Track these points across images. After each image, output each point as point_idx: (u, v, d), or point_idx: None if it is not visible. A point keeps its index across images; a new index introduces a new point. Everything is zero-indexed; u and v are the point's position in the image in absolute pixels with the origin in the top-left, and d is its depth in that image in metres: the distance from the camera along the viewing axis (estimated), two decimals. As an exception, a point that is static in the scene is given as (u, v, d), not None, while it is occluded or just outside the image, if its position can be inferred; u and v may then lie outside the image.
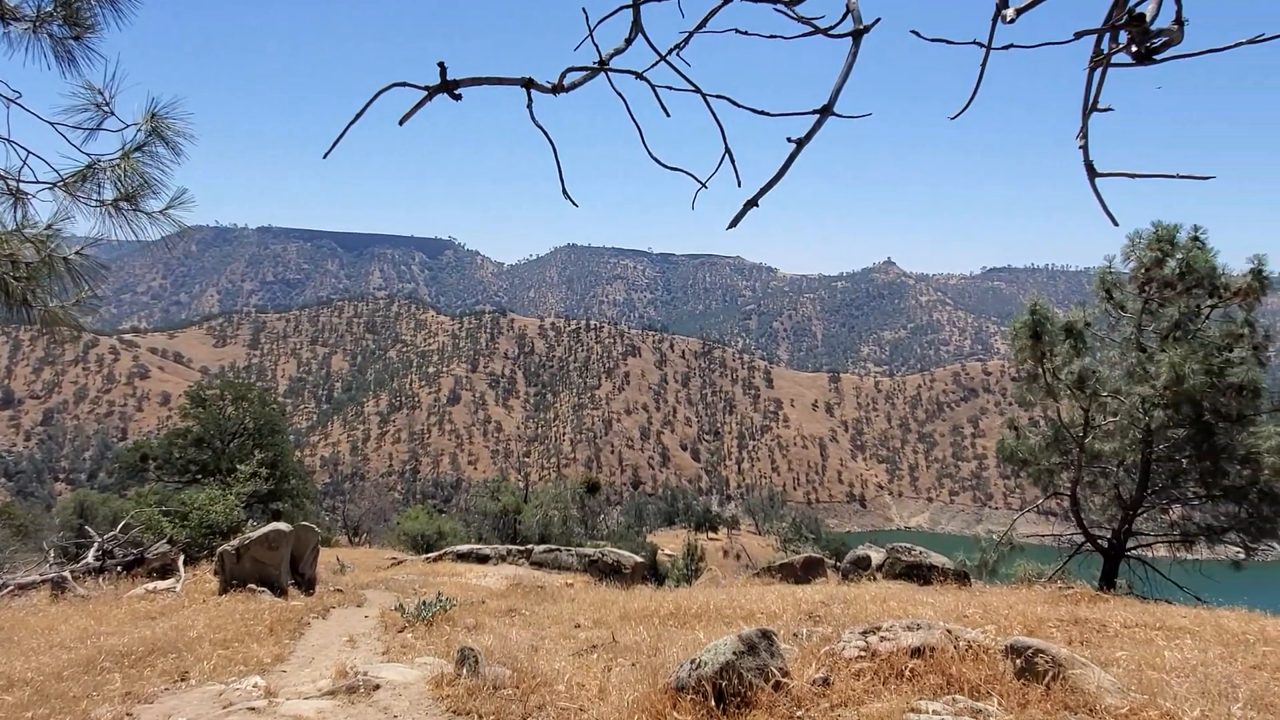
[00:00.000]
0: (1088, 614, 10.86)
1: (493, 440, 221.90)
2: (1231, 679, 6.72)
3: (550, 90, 1.65)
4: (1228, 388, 13.68)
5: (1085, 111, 1.64)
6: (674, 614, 11.98)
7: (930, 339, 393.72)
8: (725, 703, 5.38)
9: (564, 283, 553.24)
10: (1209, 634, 9.32)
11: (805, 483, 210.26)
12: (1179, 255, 14.59)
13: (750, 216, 1.63)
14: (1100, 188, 1.95)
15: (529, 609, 14.02)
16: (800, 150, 1.56)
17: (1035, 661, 5.52)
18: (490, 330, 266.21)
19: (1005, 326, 18.23)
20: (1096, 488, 16.88)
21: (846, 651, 6.09)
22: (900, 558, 17.45)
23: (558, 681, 7.21)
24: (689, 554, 37.78)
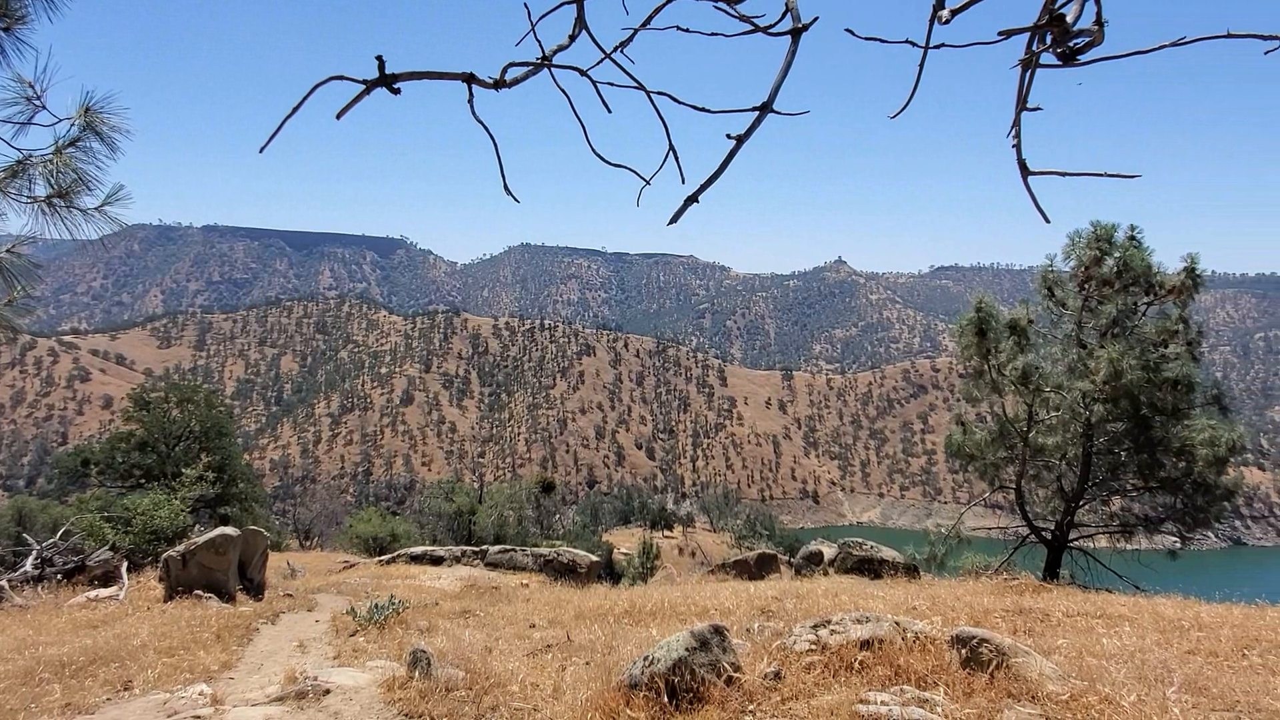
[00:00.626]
0: (1032, 604, 11.13)
1: (447, 441, 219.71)
2: (1167, 664, 6.95)
3: (492, 85, 1.65)
4: (1163, 382, 14.14)
5: (1017, 110, 1.69)
6: (629, 612, 12.00)
7: (880, 337, 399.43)
8: (678, 699, 5.41)
9: (518, 282, 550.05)
10: (1147, 621, 9.62)
11: (759, 480, 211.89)
12: (1116, 254, 15.05)
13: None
14: (1037, 186, 2.00)
15: (483, 610, 13.93)
16: (740, 147, 1.58)
17: (980, 651, 5.64)
18: (444, 330, 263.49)
19: (953, 324, 18.61)
20: (1040, 481, 17.32)
21: (798, 645, 6.17)
22: (852, 552, 17.70)
23: (511, 682, 7.18)
24: (644, 552, 37.86)
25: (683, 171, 1.85)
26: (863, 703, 5.03)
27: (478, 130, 1.98)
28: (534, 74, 1.72)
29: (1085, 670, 6.33)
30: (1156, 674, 6.43)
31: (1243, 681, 6.43)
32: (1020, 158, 1.90)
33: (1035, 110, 1.67)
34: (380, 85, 1.51)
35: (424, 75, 1.55)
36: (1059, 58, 1.52)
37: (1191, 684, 6.20)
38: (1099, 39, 1.47)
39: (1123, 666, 6.66)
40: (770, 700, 5.42)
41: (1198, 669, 6.93)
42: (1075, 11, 1.44)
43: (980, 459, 17.45)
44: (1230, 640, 8.34)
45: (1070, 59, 1.50)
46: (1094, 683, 5.80)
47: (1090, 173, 1.95)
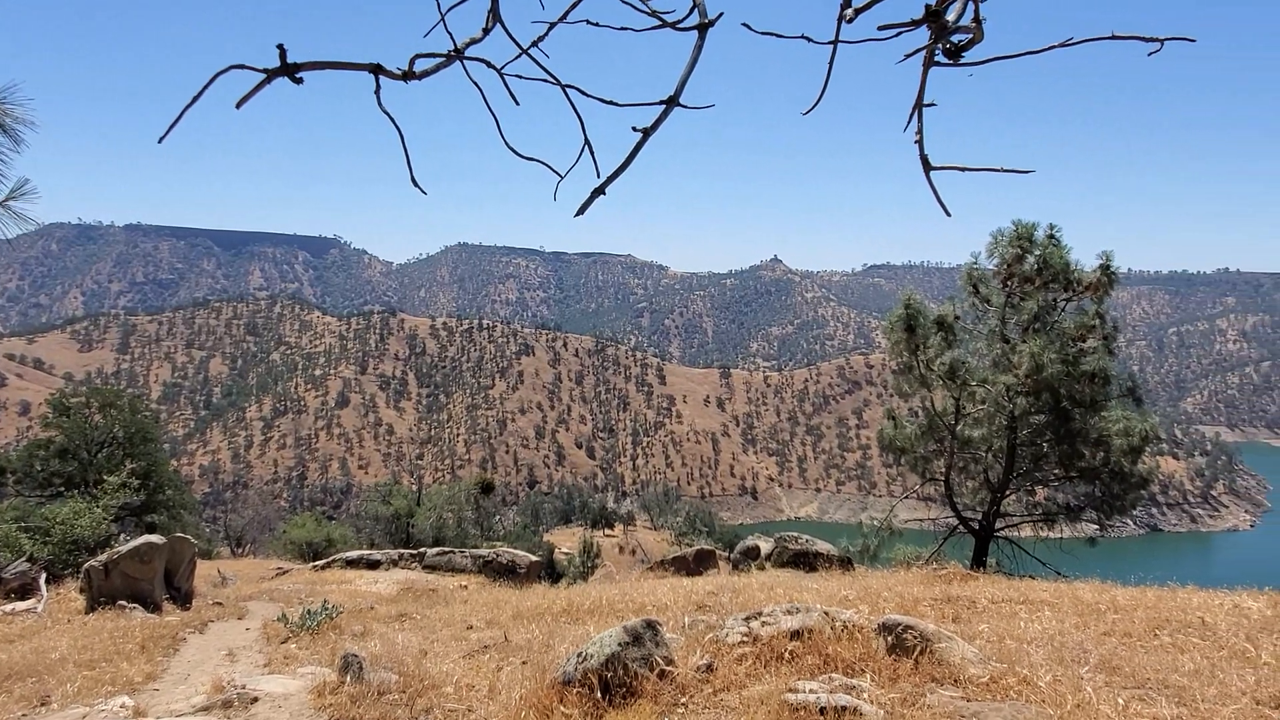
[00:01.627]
0: (959, 592, 11.45)
1: (384, 443, 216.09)
2: (1084, 645, 7.23)
3: (400, 77, 1.63)
4: (1082, 375, 14.69)
5: (914, 107, 1.75)
6: (567, 610, 11.99)
7: (816, 334, 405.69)
8: (611, 694, 5.44)
9: (455, 282, 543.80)
10: (1066, 605, 9.97)
11: (699, 477, 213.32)
12: (1037, 252, 15.58)
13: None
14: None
15: (420, 613, 13.78)
16: (646, 139, 1.60)
17: (905, 638, 5.79)
18: (380, 331, 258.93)
19: (885, 321, 19.01)
20: (968, 473, 17.81)
21: (730, 638, 6.25)
22: (788, 546, 17.96)
23: (446, 683, 7.12)
24: (585, 551, 37.86)
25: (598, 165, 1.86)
26: (792, 691, 5.12)
27: (410, 126, 1.97)
28: (445, 66, 1.72)
29: (1006, 653, 6.55)
30: (1073, 655, 6.68)
31: (1153, 660, 6.72)
32: (922, 153, 1.96)
33: (931, 106, 1.73)
34: (281, 75, 1.49)
35: (328, 65, 1.54)
36: (945, 54, 1.58)
37: (1106, 664, 6.46)
38: (978, 36, 1.54)
39: (1042, 649, 6.91)
40: (702, 692, 5.49)
41: (1112, 649, 7.22)
42: (958, 10, 1.50)
43: (911, 452, 17.87)
44: (1143, 621, 8.70)
45: (954, 56, 1.57)
46: (1013, 665, 6.01)
47: (988, 168, 2.03)
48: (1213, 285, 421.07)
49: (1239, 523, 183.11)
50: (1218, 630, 8.07)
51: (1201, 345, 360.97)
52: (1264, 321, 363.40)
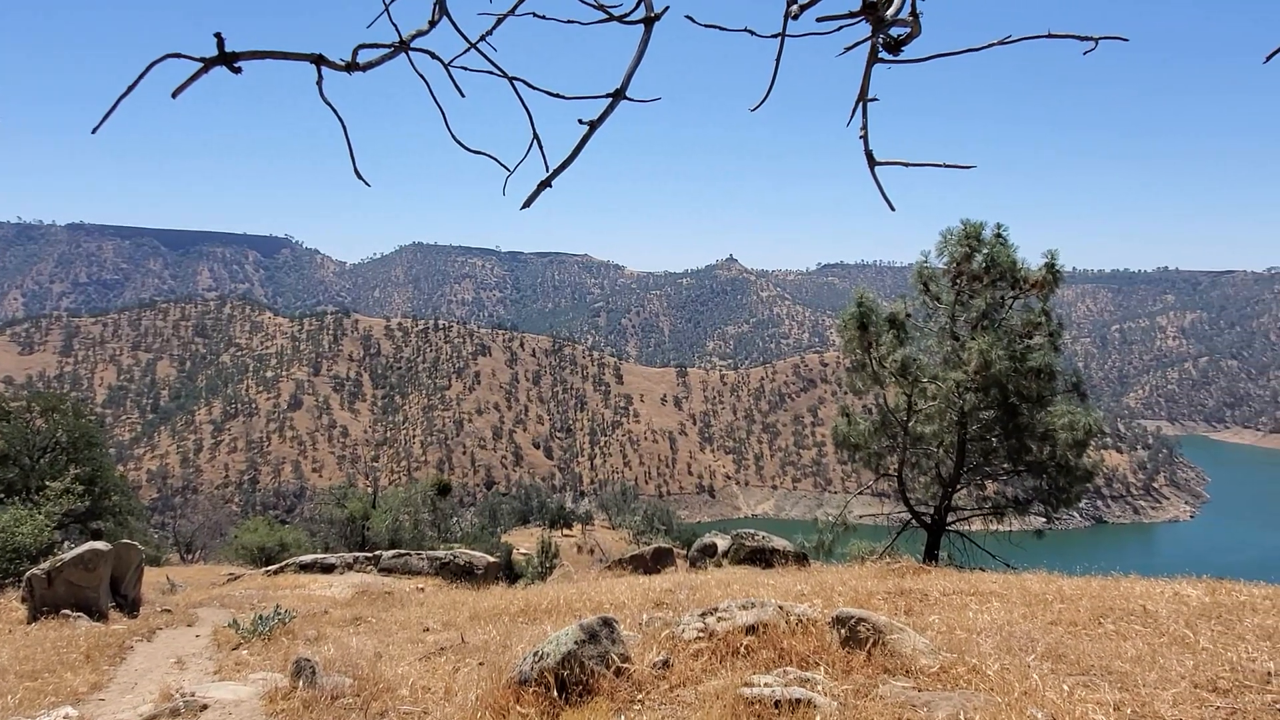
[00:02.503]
0: (911, 585, 11.63)
1: (338, 446, 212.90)
2: (1031, 634, 7.41)
3: (344, 68, 1.61)
4: (1028, 371, 15.04)
5: (857, 102, 1.78)
6: (524, 611, 11.96)
7: (771, 333, 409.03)
8: (568, 692, 5.43)
9: (410, 282, 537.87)
10: (1015, 596, 10.20)
11: (656, 476, 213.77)
12: (985, 251, 15.91)
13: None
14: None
15: (376, 616, 13.62)
16: (593, 132, 1.61)
17: (858, 630, 5.87)
18: (333, 331, 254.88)
19: (839, 319, 19.23)
20: (920, 468, 18.11)
21: (686, 634, 6.28)
22: (744, 543, 18.08)
23: (402, 686, 7.06)
24: (543, 551, 37.68)
25: (546, 159, 1.86)
26: (747, 685, 5.16)
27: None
28: (390, 58, 1.70)
29: (956, 644, 6.68)
30: (1021, 644, 6.84)
31: (1097, 647, 6.91)
32: (867, 149, 2.00)
33: (873, 101, 1.76)
34: (219, 64, 1.46)
35: (268, 55, 1.51)
36: (886, 49, 1.61)
37: (1052, 652, 6.62)
38: (916, 30, 1.57)
39: (990, 639, 7.07)
40: (659, 688, 5.51)
41: (1058, 638, 7.40)
42: (896, 3, 1.53)
43: (865, 448, 18.12)
44: (1088, 610, 8.93)
45: (895, 50, 1.60)
46: (963, 655, 6.13)
47: (931, 163, 2.07)
48: (1153, 283, 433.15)
49: (1179, 514, 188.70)
50: (1159, 618, 8.31)
51: (1143, 342, 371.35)
52: (1201, 318, 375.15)
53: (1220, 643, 7.01)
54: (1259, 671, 5.94)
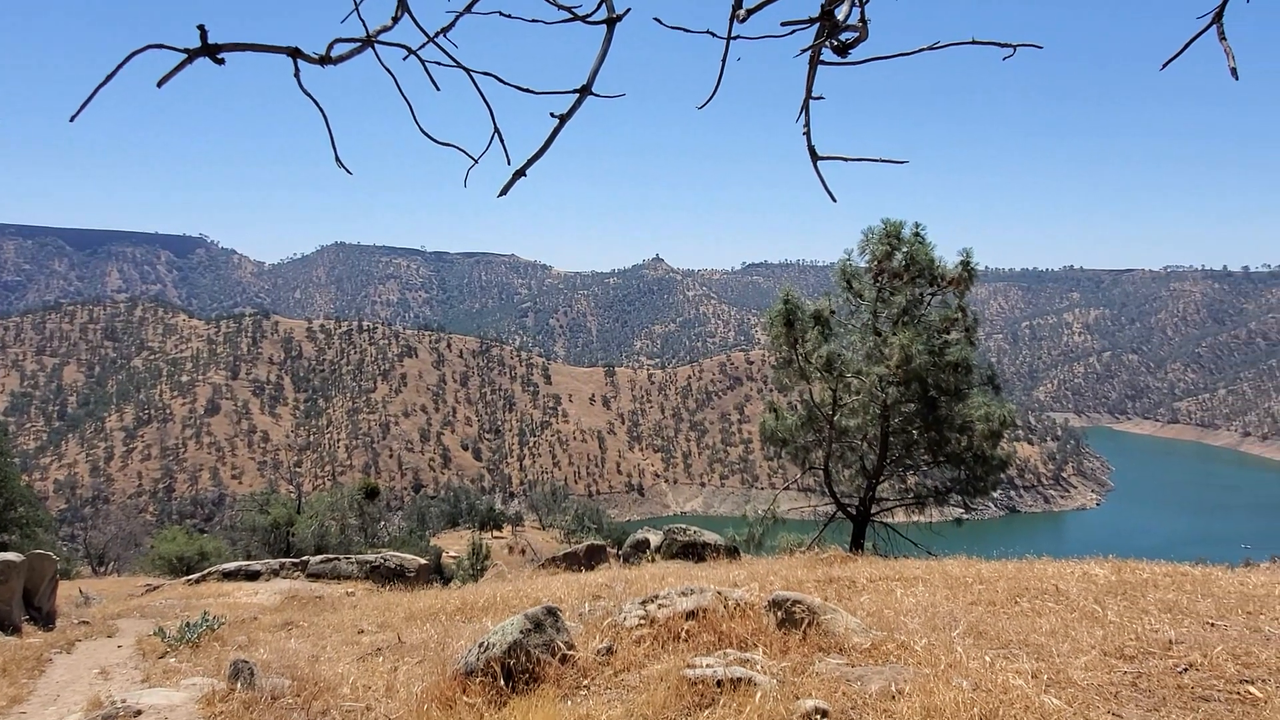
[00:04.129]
0: (840, 573, 12.02)
1: (259, 451, 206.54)
2: (953, 614, 7.79)
3: (318, 61, 1.68)
4: (946, 365, 15.64)
5: (804, 99, 1.93)
6: (461, 609, 11.92)
7: (698, 331, 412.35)
8: (514, 680, 5.51)
9: (333, 282, 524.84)
10: (937, 580, 10.65)
11: (586, 475, 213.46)
12: (904, 249, 16.48)
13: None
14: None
15: (308, 620, 13.38)
16: (563, 125, 1.72)
17: (793, 611, 6.10)
18: (252, 334, 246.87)
19: (764, 317, 19.59)
20: (845, 461, 18.63)
21: (628, 621, 6.41)
22: (676, 538, 18.30)
23: (342, 685, 7.01)
24: (474, 553, 37.37)
25: (508, 153, 1.95)
26: (690, 667, 5.33)
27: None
28: (359, 52, 1.78)
29: (885, 623, 6.99)
30: (944, 622, 7.20)
31: (1014, 624, 7.30)
32: (810, 145, 2.16)
33: (819, 99, 1.92)
34: (203, 55, 1.52)
35: (248, 47, 1.57)
36: (834, 51, 1.77)
37: (973, 629, 6.99)
38: (864, 35, 1.73)
39: (917, 618, 7.41)
40: (603, 674, 5.63)
41: (979, 616, 7.80)
42: (845, 10, 1.69)
43: (792, 443, 18.54)
44: (1005, 591, 9.40)
45: (843, 53, 1.76)
46: (892, 633, 6.43)
47: (868, 158, 2.24)
48: (1060, 282, 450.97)
49: (1086, 501, 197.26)
50: (1070, 595, 8.81)
51: (1051, 338, 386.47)
52: (1104, 315, 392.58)
53: (1126, 616, 7.49)
54: (1161, 640, 6.38)
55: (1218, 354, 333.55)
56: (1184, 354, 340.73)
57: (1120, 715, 4.63)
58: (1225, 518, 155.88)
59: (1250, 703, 4.74)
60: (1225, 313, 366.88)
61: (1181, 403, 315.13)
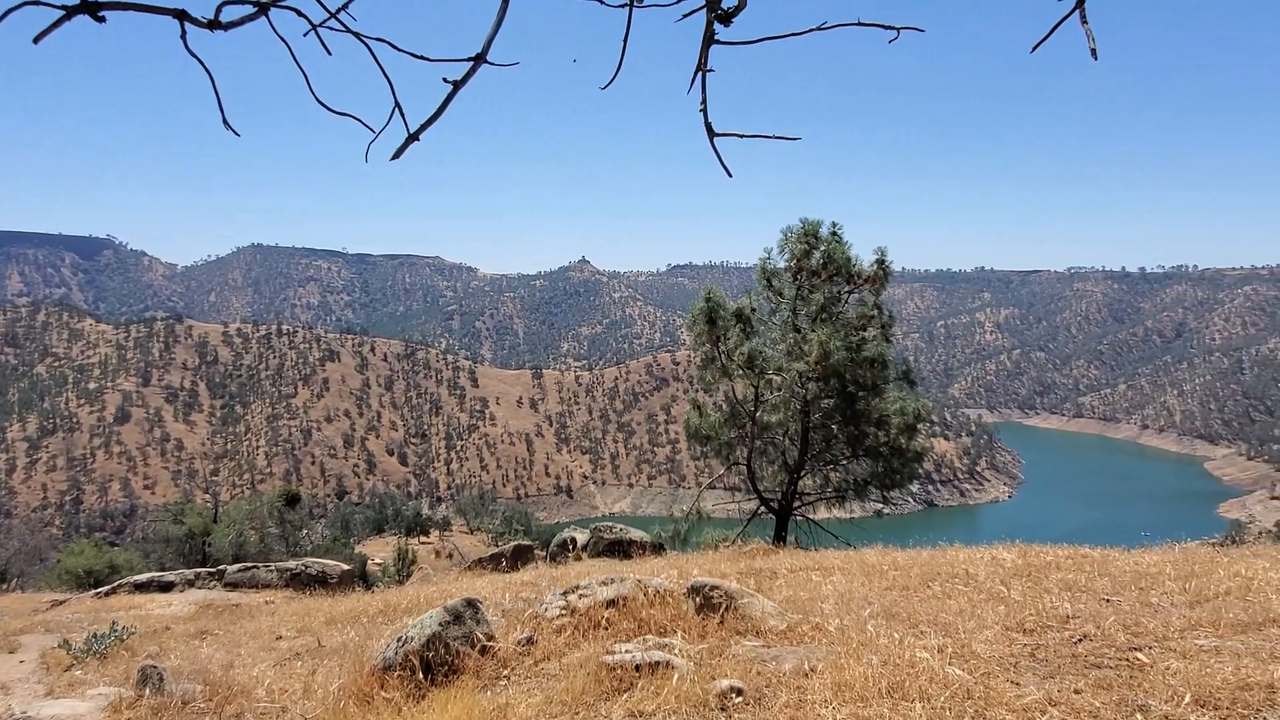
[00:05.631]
0: (762, 565, 12.28)
1: (173, 460, 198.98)
2: (868, 598, 8.05)
3: (206, 25, 1.67)
4: (863, 361, 16.08)
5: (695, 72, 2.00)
6: (383, 611, 11.75)
7: (624, 333, 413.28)
8: (433, 673, 5.48)
9: (250, 285, 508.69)
10: (854, 569, 10.96)
11: (514, 478, 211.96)
12: (822, 248, 16.88)
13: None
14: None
15: (223, 629, 12.99)
16: (456, 91, 1.75)
17: (712, 597, 6.21)
18: (164, 339, 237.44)
19: (689, 315, 19.81)
20: (767, 456, 18.96)
21: (549, 612, 6.43)
22: (603, 536, 18.34)
23: (257, 688, 6.86)
24: (400, 558, 36.78)
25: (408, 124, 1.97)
26: (609, 654, 5.38)
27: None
28: (253, 19, 1.77)
29: (801, 607, 7.18)
30: (859, 606, 7.44)
31: (925, 606, 7.58)
32: (706, 120, 2.23)
33: (710, 71, 1.99)
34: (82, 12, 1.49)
35: (132, 6, 1.55)
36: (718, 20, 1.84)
37: (886, 611, 7.23)
38: (742, 3, 1.81)
39: (832, 603, 7.63)
40: (524, 664, 5.64)
41: (892, 600, 8.08)
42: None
43: (716, 439, 18.79)
44: (918, 576, 9.74)
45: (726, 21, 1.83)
46: (808, 615, 6.61)
47: (763, 134, 2.33)
48: (972, 282, 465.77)
49: (999, 494, 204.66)
50: (978, 579, 9.18)
51: (965, 336, 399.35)
52: (1014, 314, 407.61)
53: (1029, 595, 7.86)
54: (1060, 615, 6.72)
55: (1118, 351, 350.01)
56: (1087, 351, 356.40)
57: (1018, 682, 4.86)
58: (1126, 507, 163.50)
59: (1138, 668, 5.03)
60: (1124, 311, 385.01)
61: (1085, 398, 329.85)
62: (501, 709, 4.98)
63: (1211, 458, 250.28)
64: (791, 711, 4.49)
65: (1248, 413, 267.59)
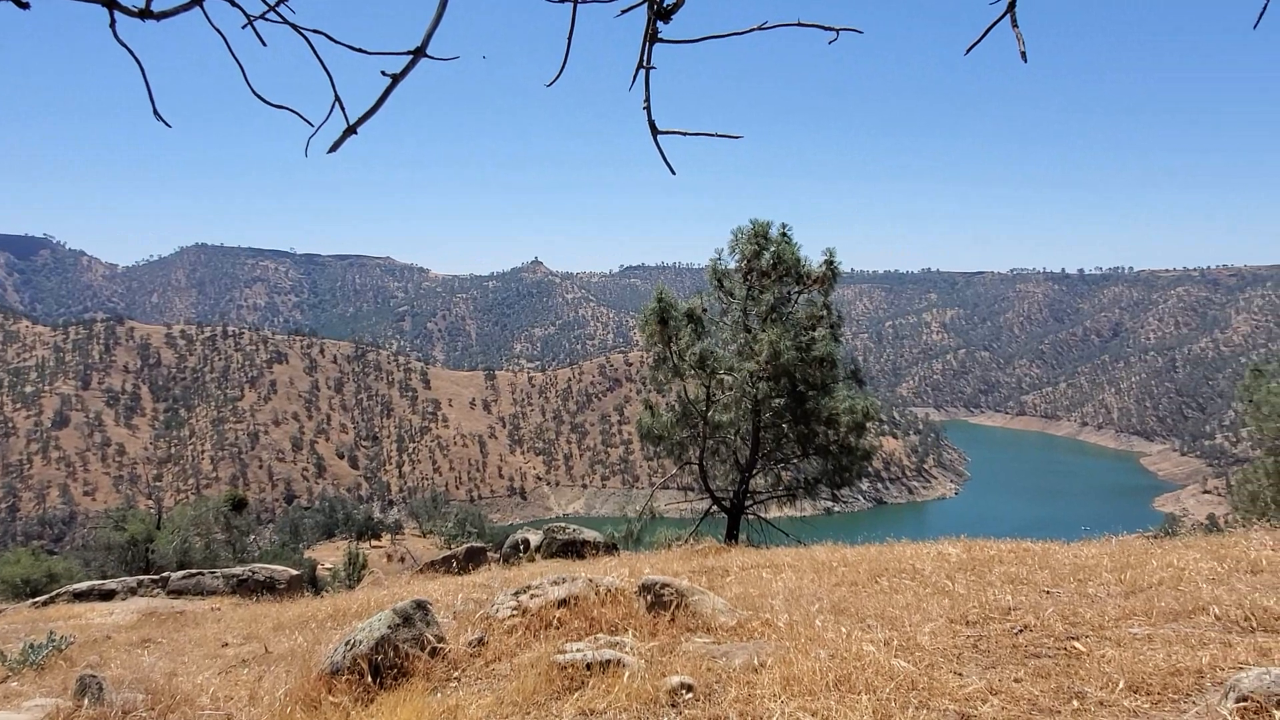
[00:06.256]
0: (714, 563, 12.38)
1: (114, 465, 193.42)
2: (817, 594, 8.16)
3: (138, 14, 1.63)
4: (813, 360, 16.29)
5: (638, 68, 2.02)
6: (333, 616, 11.60)
7: (577, 334, 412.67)
8: (382, 676, 5.42)
9: (194, 286, 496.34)
10: (805, 566, 11.11)
11: (467, 480, 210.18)
12: (772, 248, 17.07)
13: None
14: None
15: (167, 637, 12.70)
16: (395, 85, 1.74)
17: (662, 594, 6.25)
18: (105, 341, 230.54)
19: (641, 315, 19.85)
20: (720, 456, 19.10)
21: (500, 613, 6.41)
22: (556, 537, 18.30)
23: (201, 696, 6.72)
24: (350, 563, 36.21)
25: (348, 118, 1.96)
26: (560, 653, 5.38)
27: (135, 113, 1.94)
28: (187, 9, 1.75)
29: (751, 604, 7.25)
30: (808, 602, 7.54)
31: (873, 601, 7.72)
32: (650, 119, 2.25)
33: (652, 69, 2.01)
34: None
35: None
36: (657, 17, 1.85)
37: (835, 606, 7.35)
38: (681, 0, 1.83)
39: (782, 599, 7.72)
40: (474, 665, 5.61)
41: (841, 595, 8.21)
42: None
43: (668, 439, 18.87)
44: (866, 572, 9.90)
45: (666, 17, 1.85)
46: (758, 612, 6.69)
47: (706, 133, 2.36)
48: (919, 283, 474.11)
49: (946, 491, 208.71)
50: (924, 573, 9.37)
51: (912, 336, 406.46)
52: (959, 315, 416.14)
53: (973, 588, 8.04)
54: (1002, 606, 6.89)
55: (1058, 350, 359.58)
56: (1029, 351, 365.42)
57: (961, 673, 4.98)
58: (1067, 502, 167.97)
59: (1075, 656, 5.18)
60: (1064, 312, 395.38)
61: (1028, 396, 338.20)
62: (451, 710, 4.95)
63: (1147, 454, 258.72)
64: (741, 706, 4.53)
65: (1181, 410, 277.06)
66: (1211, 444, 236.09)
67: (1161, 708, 4.21)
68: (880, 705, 4.36)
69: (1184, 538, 12.60)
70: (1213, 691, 4.25)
